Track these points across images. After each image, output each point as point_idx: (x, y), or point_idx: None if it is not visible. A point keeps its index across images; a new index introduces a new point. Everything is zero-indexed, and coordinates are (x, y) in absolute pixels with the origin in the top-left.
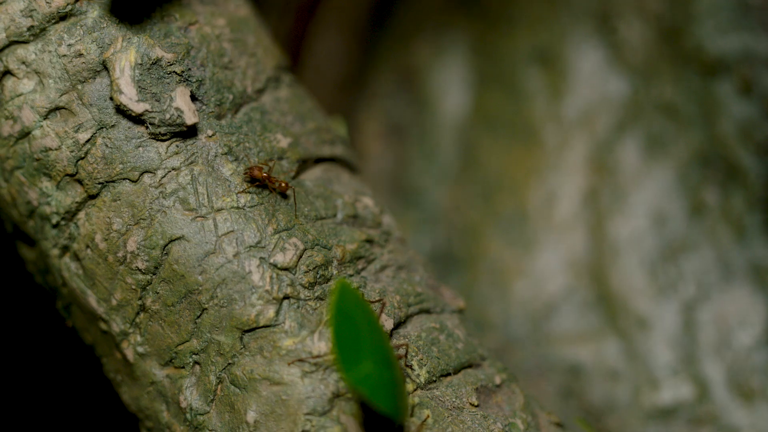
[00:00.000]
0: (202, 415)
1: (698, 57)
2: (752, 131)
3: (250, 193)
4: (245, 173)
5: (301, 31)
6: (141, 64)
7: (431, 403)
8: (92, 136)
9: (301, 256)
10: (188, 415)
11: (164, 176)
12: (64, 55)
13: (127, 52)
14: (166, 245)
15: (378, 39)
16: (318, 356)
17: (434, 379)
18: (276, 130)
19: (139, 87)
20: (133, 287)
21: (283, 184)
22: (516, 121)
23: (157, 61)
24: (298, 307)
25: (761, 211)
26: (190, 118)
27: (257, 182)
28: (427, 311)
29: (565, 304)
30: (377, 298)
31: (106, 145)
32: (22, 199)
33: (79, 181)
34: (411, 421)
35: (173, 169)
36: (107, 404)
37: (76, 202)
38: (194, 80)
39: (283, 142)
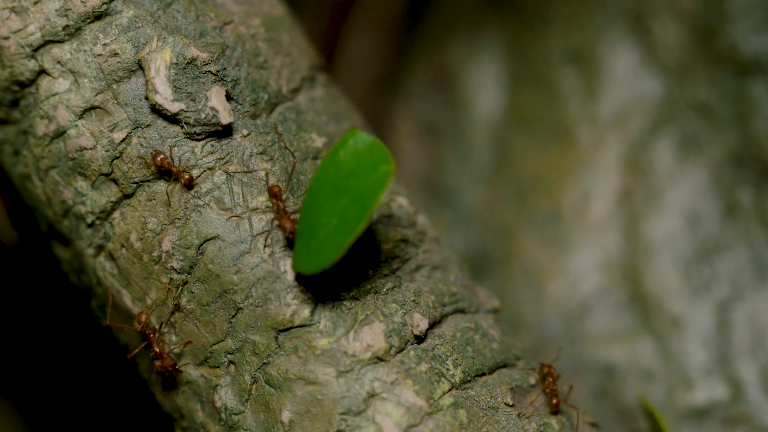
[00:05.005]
0: (236, 414)
1: (732, 57)
2: None
3: None
4: None
5: (335, 31)
6: (176, 63)
7: (466, 403)
8: (127, 135)
9: None
10: (223, 415)
11: (199, 175)
12: (99, 55)
13: (163, 52)
14: (201, 245)
15: (412, 39)
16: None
17: (469, 378)
18: (311, 129)
19: (175, 86)
20: (168, 287)
21: None
22: (550, 121)
23: (192, 61)
24: (333, 306)
25: None
26: (225, 118)
27: None
28: (462, 311)
29: (600, 304)
30: None
31: (141, 145)
32: (56, 198)
33: (114, 181)
34: (447, 422)
35: (208, 168)
36: (142, 404)
37: (111, 202)
38: (229, 80)
39: (318, 141)
